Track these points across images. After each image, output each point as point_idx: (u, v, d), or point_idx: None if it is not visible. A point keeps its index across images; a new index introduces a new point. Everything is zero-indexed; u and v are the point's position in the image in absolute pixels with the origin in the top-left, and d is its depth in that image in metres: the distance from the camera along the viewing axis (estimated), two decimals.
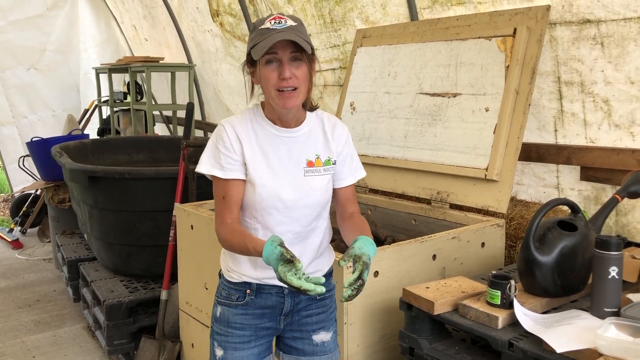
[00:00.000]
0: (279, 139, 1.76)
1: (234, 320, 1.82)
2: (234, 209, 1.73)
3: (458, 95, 2.83)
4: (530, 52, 2.60)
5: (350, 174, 1.87)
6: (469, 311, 1.80)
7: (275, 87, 1.65)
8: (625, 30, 2.38)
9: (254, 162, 1.72)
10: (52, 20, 7.40)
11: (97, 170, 3.74)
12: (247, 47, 1.69)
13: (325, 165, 1.79)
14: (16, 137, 7.43)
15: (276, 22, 1.64)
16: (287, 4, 4.13)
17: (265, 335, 1.85)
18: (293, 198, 1.72)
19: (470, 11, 2.95)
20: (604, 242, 1.72)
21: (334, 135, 1.83)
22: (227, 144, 1.72)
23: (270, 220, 1.74)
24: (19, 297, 4.71)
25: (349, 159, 1.86)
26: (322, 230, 1.84)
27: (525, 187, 2.98)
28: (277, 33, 1.61)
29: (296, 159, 1.76)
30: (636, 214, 2.53)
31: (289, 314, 1.85)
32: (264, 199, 1.71)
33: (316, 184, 1.76)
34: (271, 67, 1.64)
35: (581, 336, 1.59)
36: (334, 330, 1.94)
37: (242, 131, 1.73)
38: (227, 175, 1.72)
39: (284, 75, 1.63)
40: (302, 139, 1.78)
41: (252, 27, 1.69)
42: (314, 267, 1.85)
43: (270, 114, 1.76)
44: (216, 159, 1.73)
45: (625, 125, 2.49)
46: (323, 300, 1.89)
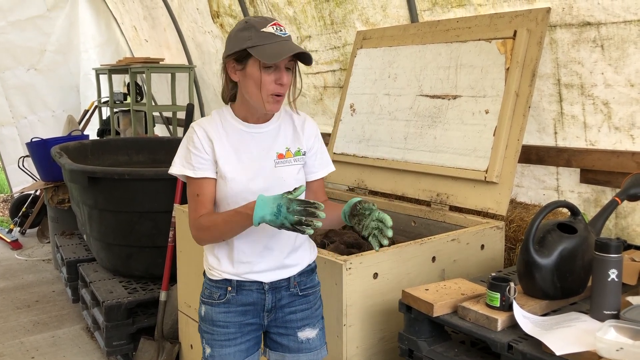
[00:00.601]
0: (249, 134, 1.82)
1: (218, 318, 1.85)
2: (207, 205, 1.79)
3: (458, 97, 2.84)
4: (530, 55, 2.60)
5: (321, 167, 1.93)
6: (468, 313, 1.80)
7: (270, 91, 1.71)
8: (625, 32, 2.38)
9: (225, 158, 1.77)
10: (52, 21, 7.40)
11: (96, 171, 3.74)
12: (240, 43, 1.69)
13: (296, 155, 1.85)
14: (16, 137, 7.43)
15: (279, 29, 1.70)
16: (288, 5, 4.13)
17: (250, 331, 1.88)
18: (263, 188, 1.76)
19: (471, 13, 2.95)
20: (604, 245, 1.72)
21: (304, 129, 1.89)
22: (197, 144, 1.78)
23: None
24: (18, 297, 4.70)
25: (319, 153, 1.92)
26: None
27: (525, 190, 2.98)
28: (284, 42, 1.68)
29: (266, 152, 1.81)
30: (636, 217, 2.53)
31: (272, 311, 1.88)
32: (236, 191, 1.76)
33: (287, 173, 1.82)
34: (269, 71, 1.69)
35: (581, 339, 1.58)
36: (320, 328, 1.96)
37: (212, 130, 1.79)
38: (198, 174, 1.78)
39: (282, 82, 1.70)
40: (272, 134, 1.84)
41: (247, 25, 1.71)
42: (292, 260, 1.87)
43: (242, 112, 1.82)
44: (187, 159, 1.79)
45: (625, 127, 2.49)
46: (306, 296, 1.91)
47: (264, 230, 1.76)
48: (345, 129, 3.43)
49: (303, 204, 1.56)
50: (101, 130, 7.06)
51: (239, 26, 1.74)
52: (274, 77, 1.70)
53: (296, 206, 1.56)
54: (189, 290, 3.09)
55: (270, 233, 1.79)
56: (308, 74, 4.29)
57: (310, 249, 1.96)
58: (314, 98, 4.35)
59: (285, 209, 1.56)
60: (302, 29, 4.14)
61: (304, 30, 4.12)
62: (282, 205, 1.57)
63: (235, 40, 1.72)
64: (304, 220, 1.54)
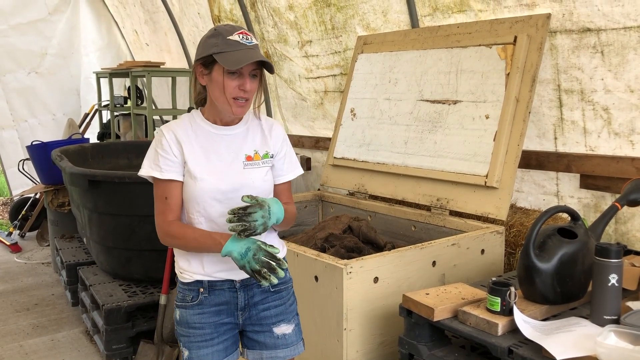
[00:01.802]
0: (218, 136, 1.87)
1: (192, 320, 1.87)
2: (175, 208, 1.84)
3: (458, 102, 2.84)
4: (530, 60, 2.61)
5: (289, 170, 1.98)
6: (468, 318, 1.80)
7: (232, 95, 1.77)
8: (625, 39, 2.39)
9: (194, 159, 1.82)
10: (53, 25, 7.42)
11: (97, 174, 3.74)
12: (207, 49, 1.76)
13: (264, 158, 1.90)
14: (16, 140, 7.43)
15: (245, 37, 1.77)
16: (289, 10, 4.15)
17: (226, 330, 1.90)
18: (232, 189, 1.82)
19: (471, 19, 2.96)
20: (604, 250, 1.72)
21: (271, 133, 1.94)
22: (165, 147, 1.83)
23: (213, 212, 1.82)
24: (17, 300, 4.69)
25: (287, 156, 1.98)
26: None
27: (525, 195, 2.98)
28: (248, 50, 1.75)
29: (235, 154, 1.86)
30: (635, 222, 2.54)
31: (246, 309, 1.90)
32: (205, 191, 1.80)
33: (255, 175, 1.87)
34: (232, 77, 1.76)
35: (581, 343, 1.59)
36: (295, 323, 1.98)
37: (181, 133, 1.84)
38: (164, 175, 1.82)
39: (245, 88, 1.77)
40: (240, 136, 1.89)
41: (215, 33, 1.78)
42: None
43: (212, 116, 1.88)
44: (155, 161, 1.84)
45: (625, 133, 2.50)
46: (279, 292, 1.94)
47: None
48: (346, 134, 3.44)
49: (269, 257, 1.67)
50: (101, 134, 7.07)
51: (208, 33, 1.82)
52: (237, 82, 1.76)
53: (262, 256, 1.67)
54: None
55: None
56: (309, 78, 4.30)
57: (280, 246, 1.98)
58: (315, 102, 4.36)
59: (252, 254, 1.67)
60: (303, 34, 4.15)
61: (305, 35, 4.14)
62: (250, 250, 1.68)
63: (203, 46, 1.79)
64: (262, 272, 1.65)
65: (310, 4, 3.95)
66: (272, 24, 4.42)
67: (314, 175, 4.43)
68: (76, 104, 7.87)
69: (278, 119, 4.93)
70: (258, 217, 1.70)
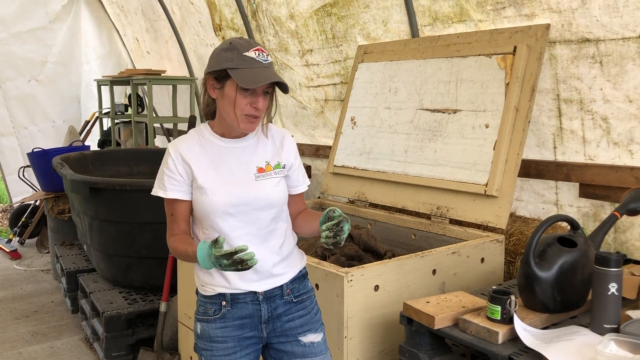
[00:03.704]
0: (227, 150, 1.85)
1: (215, 334, 1.85)
2: (181, 223, 1.86)
3: (458, 111, 2.86)
4: (530, 70, 2.63)
5: (302, 181, 1.99)
6: (469, 326, 1.81)
7: (244, 112, 1.75)
8: (623, 49, 2.41)
9: (203, 175, 1.81)
10: (54, 33, 7.44)
11: (98, 181, 3.75)
12: (221, 63, 1.74)
13: (276, 168, 1.89)
14: (16, 147, 7.44)
15: (261, 54, 1.75)
16: (290, 19, 4.18)
17: (250, 344, 1.87)
18: (244, 201, 1.80)
19: (471, 29, 2.98)
20: (604, 259, 1.73)
21: (284, 145, 1.93)
22: (170, 166, 1.83)
23: (225, 226, 1.81)
24: (17, 307, 4.69)
25: (300, 167, 1.98)
26: (282, 232, 1.90)
27: (524, 204, 2.99)
28: (264, 68, 1.73)
29: (246, 166, 1.85)
30: (635, 231, 2.55)
31: (269, 321, 1.88)
32: (217, 205, 1.79)
33: (267, 186, 1.85)
34: (245, 94, 1.74)
35: (581, 352, 1.60)
36: (323, 333, 1.95)
37: (188, 151, 1.83)
38: (169, 194, 1.83)
39: (257, 106, 1.75)
40: (250, 148, 1.88)
41: (230, 47, 1.75)
42: (280, 268, 1.87)
43: (220, 129, 1.86)
44: (161, 180, 1.85)
45: (624, 143, 2.52)
46: (302, 302, 1.92)
47: (249, 243, 1.78)
48: (346, 142, 3.45)
49: (229, 257, 1.61)
50: (102, 141, 7.08)
51: (223, 45, 1.79)
52: (249, 100, 1.74)
53: (225, 261, 1.62)
54: (189, 302, 3.09)
55: (254, 243, 1.81)
56: (309, 87, 4.32)
57: (300, 256, 1.97)
58: (315, 111, 4.38)
59: (219, 265, 1.64)
60: (304, 43, 4.17)
61: (305, 44, 4.16)
62: (214, 262, 1.64)
63: (217, 59, 1.77)
64: (240, 268, 1.63)
65: (311, 14, 3.97)
66: (273, 33, 4.45)
67: (314, 183, 4.44)
68: (77, 112, 7.89)
69: (278, 127, 4.94)
70: (346, 229, 1.70)
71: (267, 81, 1.71)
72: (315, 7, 3.91)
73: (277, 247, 1.87)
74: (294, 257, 1.94)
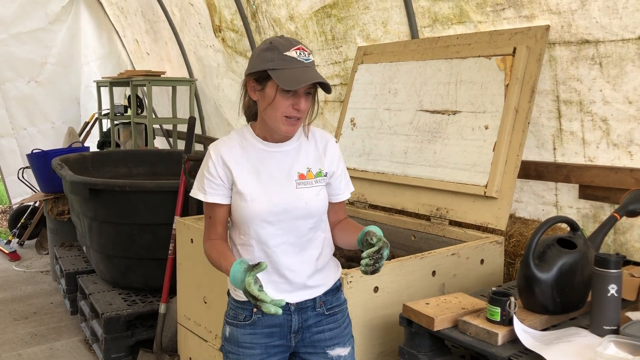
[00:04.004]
0: (269, 154, 1.80)
1: (243, 340, 1.82)
2: (218, 227, 1.82)
3: (458, 112, 2.86)
4: (529, 71, 2.63)
5: (345, 189, 1.93)
6: (468, 327, 1.81)
7: (285, 114, 1.69)
8: (623, 50, 2.41)
9: (243, 180, 1.77)
10: (53, 34, 7.45)
11: (98, 182, 3.75)
12: (261, 64, 1.69)
13: (317, 177, 1.83)
14: (15, 149, 7.45)
15: (302, 53, 1.68)
16: (289, 20, 4.18)
17: (277, 352, 1.84)
18: (284, 210, 1.75)
19: (471, 30, 2.99)
20: (604, 260, 1.73)
21: (326, 151, 1.87)
22: (211, 169, 1.78)
23: (264, 234, 1.77)
24: (16, 309, 4.69)
25: (343, 174, 1.92)
26: (320, 242, 1.85)
27: (524, 205, 2.99)
28: (306, 68, 1.67)
29: (287, 172, 1.79)
30: (634, 233, 2.55)
31: (299, 332, 1.84)
32: (256, 213, 1.75)
33: (308, 194, 1.79)
34: (286, 95, 1.68)
35: (581, 354, 1.59)
36: (351, 346, 1.91)
37: (229, 153, 1.79)
38: (208, 198, 1.80)
39: (299, 107, 1.69)
40: (292, 153, 1.82)
41: (270, 46, 1.69)
42: (315, 280, 1.84)
43: (262, 132, 1.81)
44: (201, 183, 1.81)
45: (624, 144, 2.52)
46: (334, 315, 1.88)
47: (286, 252, 1.77)
48: (346, 143, 3.45)
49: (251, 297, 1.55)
50: (101, 143, 7.08)
51: (263, 45, 1.72)
52: (291, 101, 1.68)
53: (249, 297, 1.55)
54: (189, 303, 3.09)
55: (290, 253, 1.78)
56: None
57: (335, 268, 1.92)
58: None
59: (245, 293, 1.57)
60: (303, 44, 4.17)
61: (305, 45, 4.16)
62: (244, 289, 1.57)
63: (257, 59, 1.71)
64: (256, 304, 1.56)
65: (310, 15, 3.98)
66: (273, 34, 4.45)
67: None
68: (76, 113, 7.89)
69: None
70: (386, 255, 1.64)
71: (308, 82, 1.65)
72: (315, 9, 3.91)
73: (314, 258, 1.82)
74: (329, 268, 1.89)
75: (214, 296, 2.84)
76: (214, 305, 2.85)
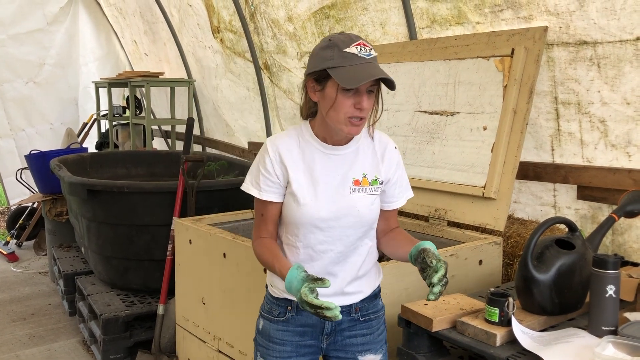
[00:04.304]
0: (326, 156, 1.73)
1: (275, 335, 1.80)
2: (270, 226, 1.77)
3: (456, 113, 2.86)
4: (527, 72, 2.63)
5: (400, 196, 1.85)
6: (467, 328, 1.81)
7: (348, 114, 1.61)
8: (621, 52, 2.41)
9: (298, 181, 1.71)
10: (52, 35, 7.45)
11: (96, 183, 3.75)
12: (320, 63, 1.62)
13: (372, 184, 1.75)
14: (13, 150, 7.44)
15: (363, 49, 1.60)
16: (288, 21, 4.18)
17: (307, 353, 1.82)
18: (335, 216, 1.70)
19: (469, 31, 2.99)
20: (602, 261, 1.73)
21: (384, 157, 1.79)
22: (268, 166, 1.72)
23: (312, 239, 1.73)
24: (14, 310, 4.68)
25: (399, 181, 1.84)
26: (365, 249, 1.79)
27: (522, 206, 3.00)
28: (367, 64, 1.59)
29: (342, 177, 1.73)
30: (632, 234, 2.55)
31: (331, 334, 1.81)
32: (307, 217, 1.70)
33: (361, 203, 1.73)
34: (348, 94, 1.60)
35: (579, 354, 1.60)
36: (383, 353, 1.88)
37: (286, 150, 1.72)
38: (263, 196, 1.73)
39: (362, 106, 1.60)
40: (350, 157, 1.74)
41: (330, 44, 1.62)
42: (354, 287, 1.79)
43: (322, 132, 1.72)
44: (256, 178, 1.74)
45: (622, 145, 2.52)
46: (369, 321, 1.84)
47: (329, 256, 1.73)
48: None
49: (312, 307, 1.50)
50: (100, 143, 7.08)
51: (322, 44, 1.65)
52: (353, 100, 1.60)
53: (308, 307, 1.51)
54: (187, 304, 3.09)
55: (335, 259, 1.74)
56: None
57: (376, 275, 1.87)
58: None
59: (301, 302, 1.53)
60: (302, 45, 4.18)
61: (304, 46, 4.16)
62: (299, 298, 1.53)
63: (316, 58, 1.64)
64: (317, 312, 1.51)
65: (309, 16, 3.98)
66: (271, 35, 4.45)
67: None
68: (74, 114, 7.89)
69: (277, 129, 4.94)
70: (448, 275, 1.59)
71: (370, 79, 1.55)
72: (314, 10, 3.91)
73: (356, 265, 1.77)
74: (370, 276, 1.83)
75: (212, 297, 2.84)
76: (212, 306, 2.85)
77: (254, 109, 5.19)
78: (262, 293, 1.91)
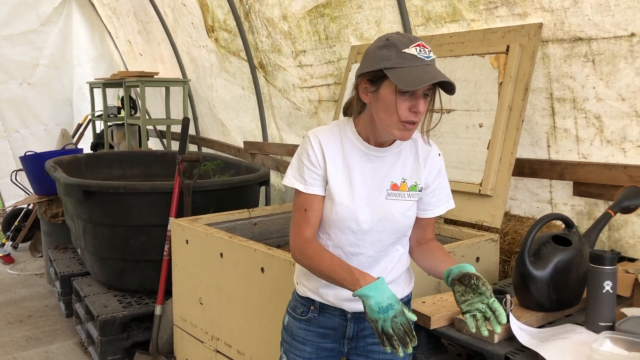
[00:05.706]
0: (367, 157, 1.67)
1: (297, 333, 1.79)
2: (313, 223, 1.68)
3: (452, 111, 2.87)
4: (523, 69, 2.63)
5: (439, 204, 1.76)
6: (465, 325, 1.81)
7: (403, 118, 1.54)
8: (615, 48, 2.42)
9: (336, 178, 1.65)
10: (45, 36, 7.41)
11: (92, 184, 3.74)
12: (377, 63, 1.54)
13: (411, 190, 1.69)
14: (8, 151, 7.41)
15: (423, 50, 1.53)
16: (283, 20, 4.17)
17: (327, 356, 1.79)
18: (370, 221, 1.65)
19: (464, 29, 2.99)
20: (598, 257, 1.74)
21: (426, 162, 1.72)
22: (312, 158, 1.66)
23: (344, 240, 1.68)
24: (10, 312, 4.66)
25: (438, 190, 1.75)
26: (396, 255, 1.74)
27: (518, 202, 3.00)
28: (426, 66, 1.52)
29: (380, 180, 1.67)
30: (628, 229, 2.56)
31: (353, 339, 1.77)
32: (340, 217, 1.65)
33: (397, 209, 1.67)
34: (404, 97, 1.53)
35: (577, 350, 1.60)
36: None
37: (328, 145, 1.66)
38: (309, 190, 1.66)
39: (418, 110, 1.54)
40: (390, 160, 1.68)
41: (387, 43, 1.54)
42: None
43: (366, 132, 1.66)
44: (300, 172, 1.67)
45: (617, 141, 2.53)
46: None
47: (359, 259, 1.68)
48: None
49: (406, 328, 1.40)
50: (95, 144, 7.06)
51: (378, 43, 1.58)
52: (408, 103, 1.53)
53: (401, 323, 1.41)
54: (184, 305, 3.08)
55: (365, 263, 1.68)
56: (303, 88, 4.32)
57: (405, 283, 1.79)
58: (309, 112, 4.38)
59: (392, 315, 1.41)
60: (297, 44, 4.17)
61: (298, 44, 4.16)
62: (393, 309, 1.42)
63: (372, 58, 1.56)
64: (393, 340, 1.41)
65: (304, 14, 3.97)
66: (266, 34, 4.44)
67: None
68: (69, 115, 7.86)
69: (272, 128, 4.94)
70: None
71: (432, 81, 1.49)
72: (308, 8, 3.91)
73: (385, 270, 1.71)
74: (399, 283, 1.76)
75: (209, 297, 2.84)
76: (209, 306, 2.85)
77: (249, 108, 5.18)
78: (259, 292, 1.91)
